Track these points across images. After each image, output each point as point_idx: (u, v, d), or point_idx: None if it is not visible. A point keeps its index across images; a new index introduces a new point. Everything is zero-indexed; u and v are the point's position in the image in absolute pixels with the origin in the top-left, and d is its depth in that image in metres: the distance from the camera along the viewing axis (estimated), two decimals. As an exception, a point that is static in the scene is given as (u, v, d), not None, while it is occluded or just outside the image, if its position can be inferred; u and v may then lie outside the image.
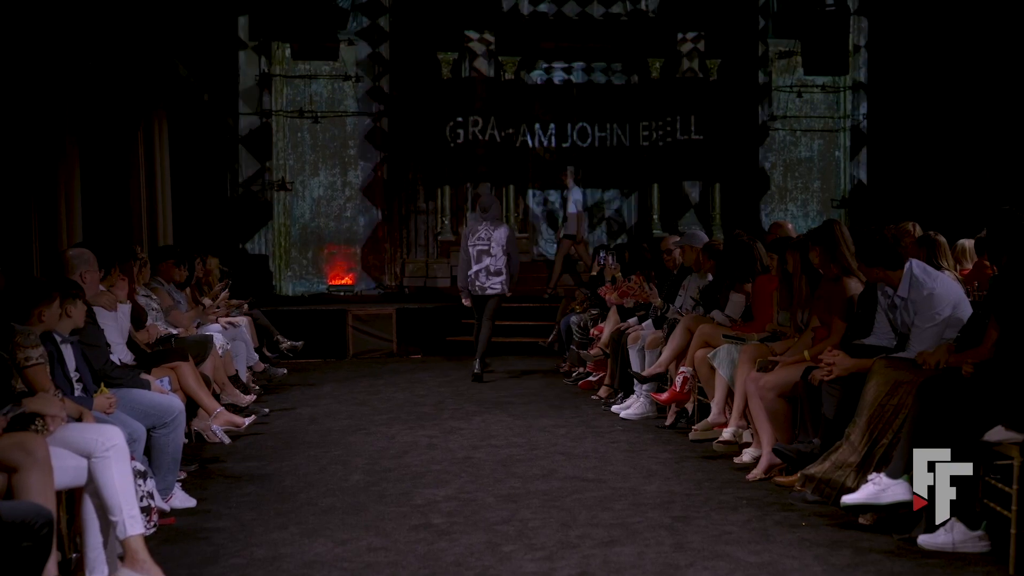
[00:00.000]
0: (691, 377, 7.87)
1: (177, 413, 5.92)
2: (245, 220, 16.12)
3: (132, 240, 10.67)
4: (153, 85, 11.56)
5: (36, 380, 4.87)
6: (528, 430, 8.28)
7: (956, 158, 14.32)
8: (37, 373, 4.90)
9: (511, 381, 11.28)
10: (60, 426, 4.53)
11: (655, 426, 8.32)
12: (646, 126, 16.42)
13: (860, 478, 5.10)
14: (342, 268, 16.61)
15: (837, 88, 17.15)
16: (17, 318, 5.15)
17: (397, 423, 8.64)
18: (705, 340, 7.67)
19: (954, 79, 14.39)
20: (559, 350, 12.27)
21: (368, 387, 10.94)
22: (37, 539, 3.70)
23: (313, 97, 16.40)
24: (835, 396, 5.57)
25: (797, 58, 16.66)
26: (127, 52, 10.38)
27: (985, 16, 13.81)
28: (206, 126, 14.65)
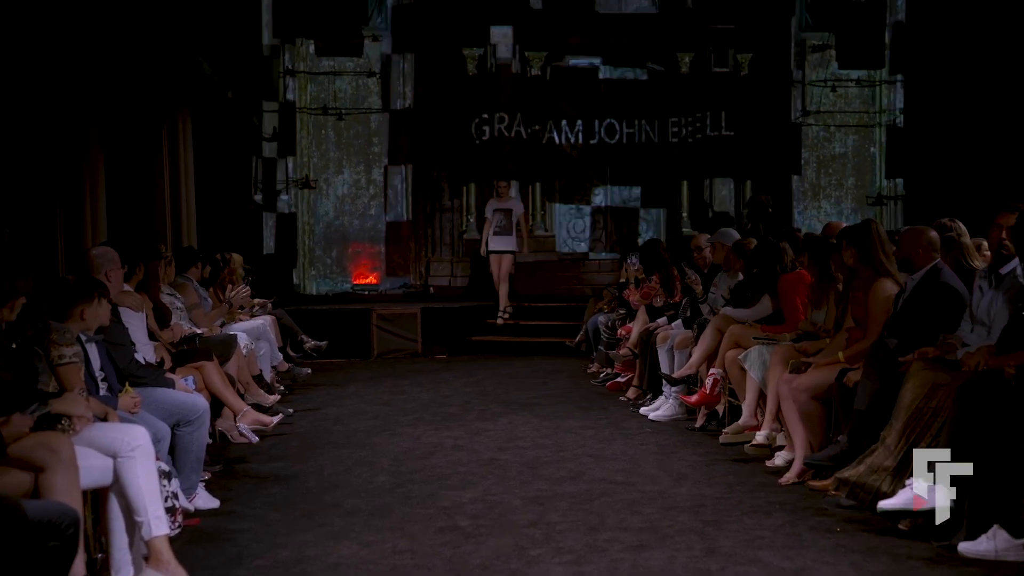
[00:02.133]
0: (722, 379, 7.85)
1: (202, 412, 5.96)
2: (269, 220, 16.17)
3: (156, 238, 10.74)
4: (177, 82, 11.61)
5: (68, 378, 4.91)
6: (555, 432, 8.26)
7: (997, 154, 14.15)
8: (70, 372, 4.94)
9: (538, 382, 11.26)
10: (86, 426, 4.57)
11: (685, 428, 8.29)
12: (675, 122, 16.35)
13: (897, 483, 5.06)
14: (367, 267, 16.65)
15: (873, 82, 16.96)
16: (56, 316, 5.20)
17: (422, 424, 8.64)
18: (736, 341, 7.64)
19: (996, 72, 14.22)
20: (586, 351, 12.25)
21: (393, 387, 10.94)
22: (64, 539, 3.74)
23: (337, 94, 16.44)
24: (870, 389, 5.53)
25: (831, 52, 16.54)
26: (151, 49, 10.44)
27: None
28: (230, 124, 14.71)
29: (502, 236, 14.06)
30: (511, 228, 14.11)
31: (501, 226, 14.09)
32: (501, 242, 14.06)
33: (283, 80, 16.20)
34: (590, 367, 11.78)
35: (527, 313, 14.48)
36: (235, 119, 14.92)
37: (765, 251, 7.97)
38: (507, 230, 14.09)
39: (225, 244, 11.90)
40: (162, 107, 11.31)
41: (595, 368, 11.57)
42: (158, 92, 10.95)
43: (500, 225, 14.09)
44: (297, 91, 16.32)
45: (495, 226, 14.07)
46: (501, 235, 14.06)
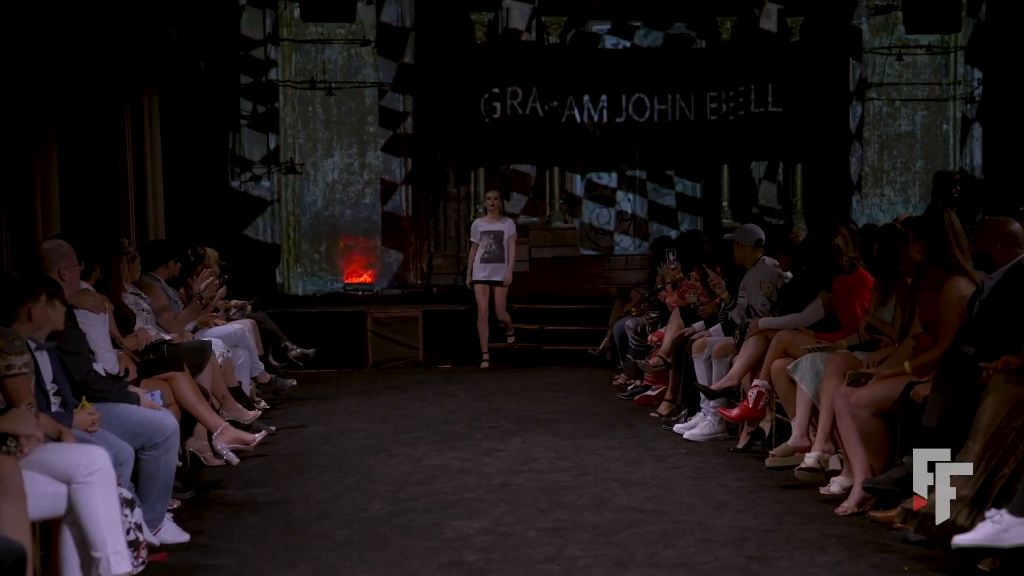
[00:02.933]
0: (767, 392, 7.81)
1: (170, 432, 5.93)
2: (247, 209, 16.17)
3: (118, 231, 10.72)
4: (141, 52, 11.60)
5: (16, 392, 4.84)
6: (576, 453, 8.23)
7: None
8: (19, 385, 4.86)
9: (556, 395, 11.23)
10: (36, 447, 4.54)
11: (725, 449, 8.26)
12: (714, 97, 16.30)
13: (975, 514, 4.99)
14: (360, 264, 16.64)
15: (946, 49, 16.76)
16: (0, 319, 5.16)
17: (424, 443, 8.63)
18: (784, 349, 7.60)
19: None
20: (612, 359, 12.22)
21: (390, 402, 10.93)
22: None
23: (326, 65, 16.43)
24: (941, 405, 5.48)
25: (897, 14, 16.33)
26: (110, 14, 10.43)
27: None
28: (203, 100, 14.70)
29: (492, 263, 13.37)
30: (502, 253, 13.39)
31: (491, 251, 13.38)
32: (490, 270, 13.38)
33: (264, 49, 16.18)
34: (616, 378, 11.78)
35: (543, 317, 14.44)
36: (209, 94, 14.91)
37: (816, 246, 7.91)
38: (497, 256, 13.38)
39: (198, 238, 11.89)
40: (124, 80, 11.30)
41: (622, 380, 11.55)
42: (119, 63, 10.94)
43: (489, 250, 13.37)
44: (280, 61, 16.31)
45: (483, 251, 13.37)
46: (491, 262, 13.37)
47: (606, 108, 16.63)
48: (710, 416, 8.65)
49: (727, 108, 16.20)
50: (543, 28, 16.28)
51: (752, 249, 8.92)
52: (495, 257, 13.34)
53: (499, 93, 15.99)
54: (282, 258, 16.41)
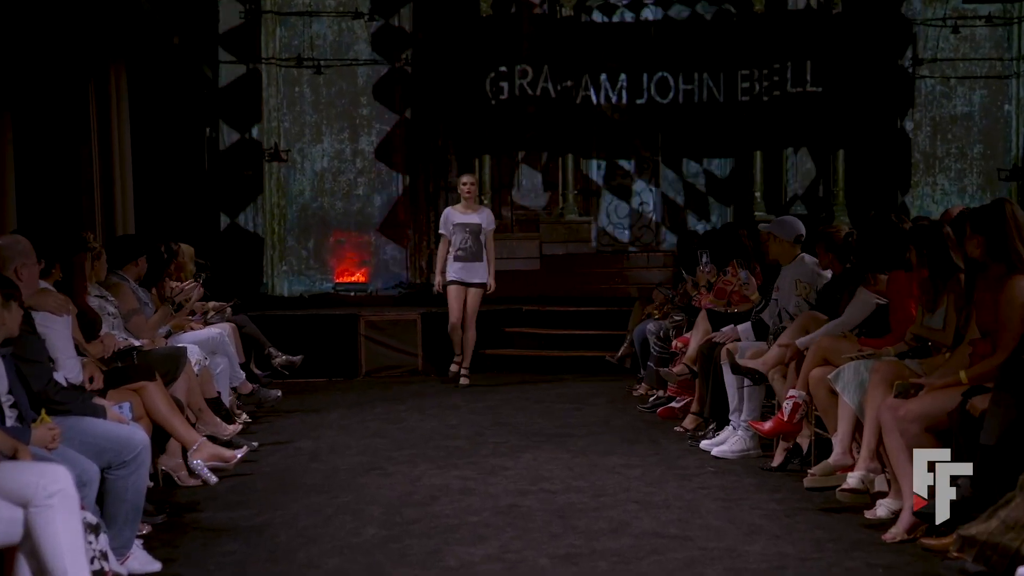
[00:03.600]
0: (805, 403, 7.78)
1: (140, 448, 5.90)
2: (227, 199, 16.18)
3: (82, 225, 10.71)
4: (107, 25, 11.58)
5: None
6: (592, 471, 8.22)
7: None
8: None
9: (569, 407, 11.23)
10: (-12, 465, 4.52)
11: (758, 468, 8.24)
12: (746, 76, 16.28)
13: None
14: (352, 261, 16.66)
15: (1008, 20, 16.65)
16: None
17: (423, 461, 8.62)
18: (824, 355, 7.56)
19: None
20: (632, 367, 12.21)
21: (386, 414, 10.94)
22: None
23: (315, 40, 16.43)
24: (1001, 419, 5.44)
25: (953, -21, 16.34)
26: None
27: None
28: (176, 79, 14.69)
29: (467, 262, 12.52)
30: (479, 250, 12.56)
31: (465, 247, 12.52)
32: (466, 271, 12.53)
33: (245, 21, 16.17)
34: (636, 388, 11.79)
35: (555, 320, 14.43)
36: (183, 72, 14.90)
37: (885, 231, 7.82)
38: (474, 253, 12.54)
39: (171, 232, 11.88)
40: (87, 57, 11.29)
41: (643, 390, 11.55)
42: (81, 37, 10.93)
43: (464, 246, 12.51)
44: (263, 36, 16.31)
45: (457, 247, 12.53)
46: (466, 260, 12.53)
47: (625, 88, 16.64)
48: (741, 431, 8.63)
49: (760, 88, 16.18)
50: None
51: (791, 245, 8.88)
52: (471, 254, 12.52)
53: (506, 72, 16.00)
54: (266, 255, 16.42)
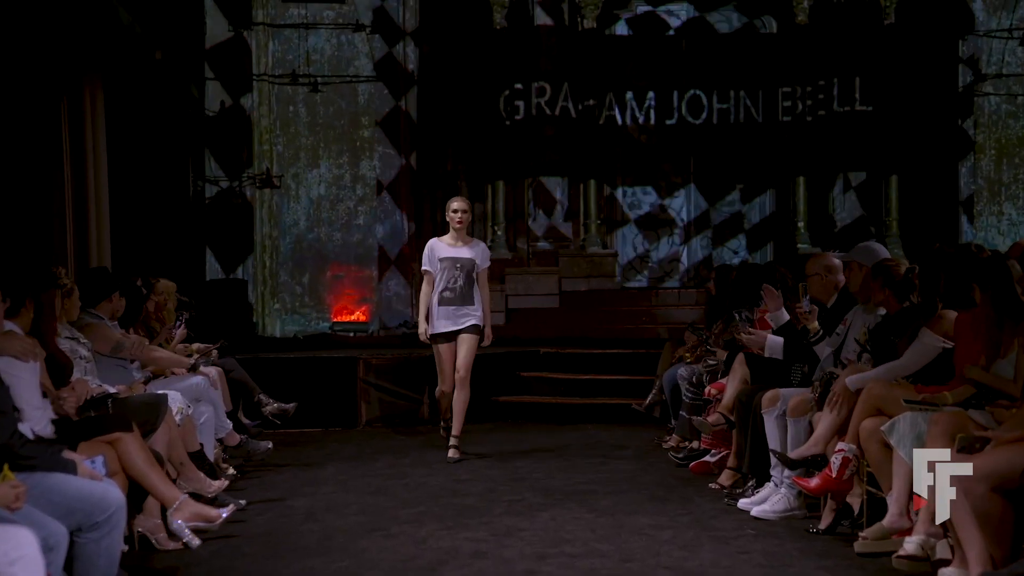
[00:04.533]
0: (856, 458, 7.72)
1: (114, 508, 5.86)
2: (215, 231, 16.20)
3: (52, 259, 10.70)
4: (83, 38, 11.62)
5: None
6: (618, 532, 8.16)
7: None
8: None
9: (593, 461, 11.20)
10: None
11: (803, 530, 8.15)
12: (788, 93, 16.31)
13: None
14: (352, 298, 16.67)
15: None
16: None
17: (430, 521, 8.56)
18: (876, 405, 7.51)
19: None
20: (661, 416, 12.17)
21: (389, 468, 10.93)
22: None
23: (311, 55, 16.48)
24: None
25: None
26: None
27: None
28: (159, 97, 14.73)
29: (456, 306, 11.25)
30: (470, 292, 11.25)
31: (454, 288, 11.22)
32: (454, 317, 11.28)
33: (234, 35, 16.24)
34: (667, 440, 11.72)
35: (576, 364, 14.38)
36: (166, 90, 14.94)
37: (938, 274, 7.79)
38: (464, 295, 11.23)
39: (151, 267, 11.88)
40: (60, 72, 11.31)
41: (674, 442, 11.48)
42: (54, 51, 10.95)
43: (452, 286, 11.22)
44: (255, 50, 16.37)
45: (444, 287, 11.24)
46: (454, 304, 11.25)
47: (653, 108, 16.70)
48: (784, 488, 8.56)
49: (804, 107, 16.19)
50: (576, 10, 16.35)
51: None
52: (460, 297, 11.21)
53: (522, 90, 16.05)
54: (256, 291, 16.42)
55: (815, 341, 8.88)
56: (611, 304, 16.01)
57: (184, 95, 15.65)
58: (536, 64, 16.08)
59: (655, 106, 16.67)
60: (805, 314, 9.03)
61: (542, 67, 16.08)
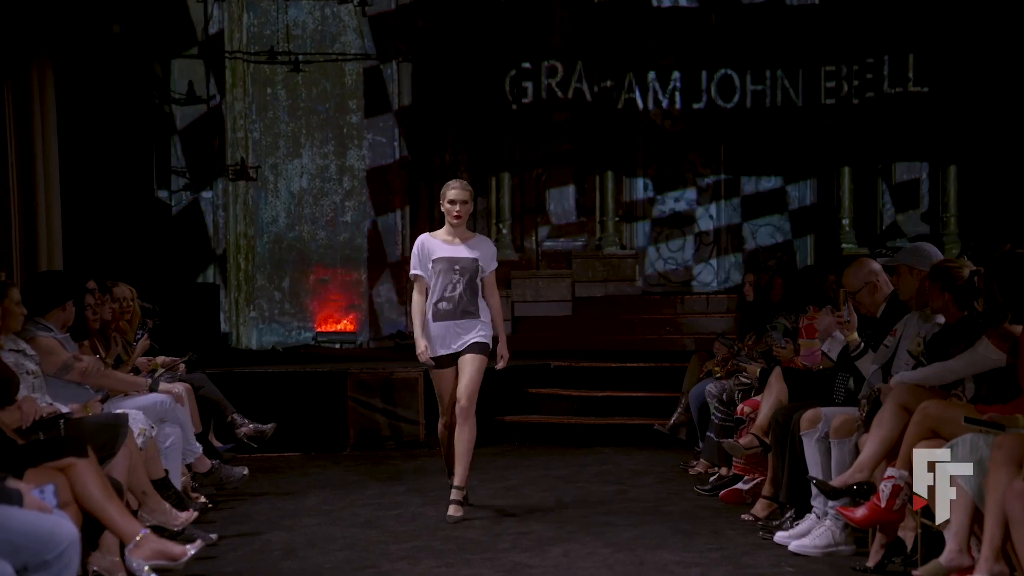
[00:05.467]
0: (907, 486, 7.69)
1: (66, 544, 5.83)
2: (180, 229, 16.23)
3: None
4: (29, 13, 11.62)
5: None
6: (639, 570, 8.15)
7: None
8: None
9: (610, 488, 11.20)
10: None
11: (849, 568, 8.13)
12: (831, 73, 16.31)
13: None
14: (338, 305, 16.68)
15: None
16: None
17: (427, 557, 8.56)
18: (931, 426, 7.49)
19: None
20: (688, 439, 12.17)
21: (380, 497, 10.92)
22: None
23: (291, 30, 16.50)
24: None
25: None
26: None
27: None
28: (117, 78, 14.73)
29: (455, 321, 10.01)
30: (473, 301, 10.02)
31: (452, 297, 9.97)
32: (453, 333, 10.04)
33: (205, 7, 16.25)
34: (693, 465, 11.76)
35: (592, 379, 14.37)
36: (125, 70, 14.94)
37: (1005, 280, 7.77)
38: (465, 306, 10.01)
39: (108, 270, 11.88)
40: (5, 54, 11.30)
41: (701, 467, 11.54)
42: None
43: (449, 295, 9.97)
44: (227, 24, 16.38)
45: (439, 297, 10.01)
46: (452, 317, 10.01)
47: (679, 89, 16.71)
48: (828, 520, 8.54)
49: (850, 88, 16.20)
50: (592, -21, 16.37)
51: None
52: (461, 308, 9.97)
53: (531, 69, 16.08)
54: (229, 297, 16.43)
55: (856, 356, 8.85)
56: (630, 311, 16.02)
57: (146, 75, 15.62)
58: (547, 41, 16.11)
59: (681, 88, 16.69)
60: (846, 324, 9.02)
61: (553, 44, 16.12)
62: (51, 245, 12.17)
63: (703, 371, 12.26)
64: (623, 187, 16.81)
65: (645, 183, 17.09)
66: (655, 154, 16.94)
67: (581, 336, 15.37)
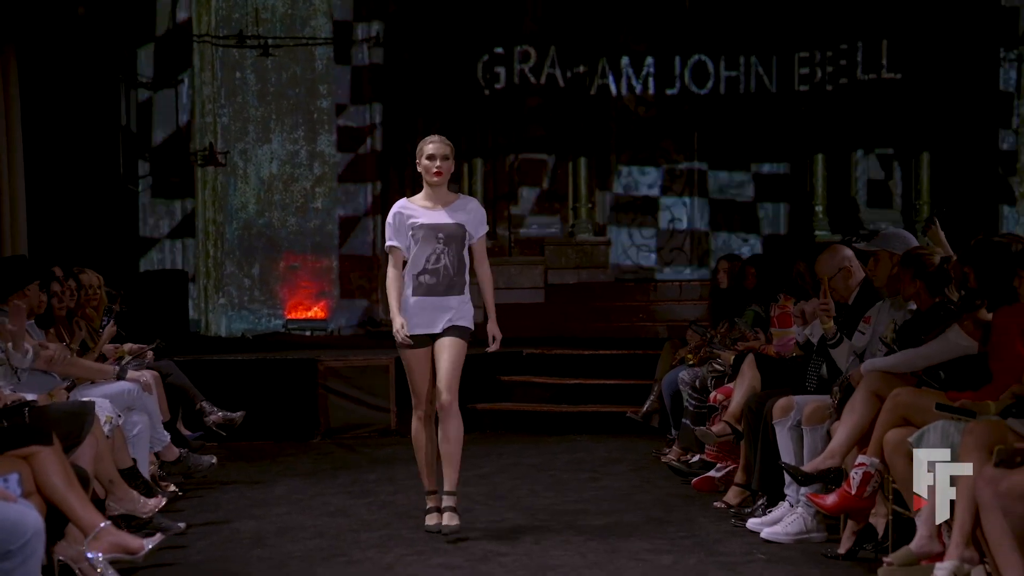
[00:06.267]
0: (878, 473, 7.73)
1: (31, 534, 5.82)
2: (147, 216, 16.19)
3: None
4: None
5: None
6: (611, 558, 8.16)
7: None
8: None
9: (583, 476, 11.22)
10: None
11: (820, 554, 8.15)
12: (805, 59, 16.33)
13: None
14: (309, 292, 16.65)
15: None
16: None
17: (397, 545, 8.56)
18: (903, 414, 7.53)
19: None
20: (660, 426, 12.19)
21: (350, 485, 10.92)
22: None
23: (260, 13, 16.45)
24: None
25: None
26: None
27: None
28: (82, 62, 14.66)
29: (436, 297, 8.74)
30: (459, 274, 8.77)
31: (435, 269, 8.71)
32: (432, 312, 8.77)
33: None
34: (666, 453, 11.74)
35: (564, 367, 14.38)
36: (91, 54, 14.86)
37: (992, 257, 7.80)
38: (450, 280, 8.75)
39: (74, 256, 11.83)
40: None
41: (674, 455, 11.51)
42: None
43: (432, 267, 8.71)
44: (194, 8, 16.32)
45: (421, 269, 8.76)
46: (436, 294, 8.76)
47: (653, 75, 16.70)
48: (800, 508, 8.57)
49: (823, 74, 16.21)
50: (565, -37, 16.36)
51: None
52: (444, 283, 8.73)
53: (504, 54, 16.06)
54: (198, 284, 16.39)
55: (833, 344, 8.87)
56: (604, 299, 16.03)
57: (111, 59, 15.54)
58: (519, 25, 16.08)
59: (654, 74, 16.68)
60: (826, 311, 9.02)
61: (526, 29, 16.09)
62: (15, 228, 12.13)
63: (676, 359, 12.28)
64: (596, 173, 16.80)
65: (618, 170, 17.09)
66: (628, 140, 16.94)
67: (553, 323, 15.37)
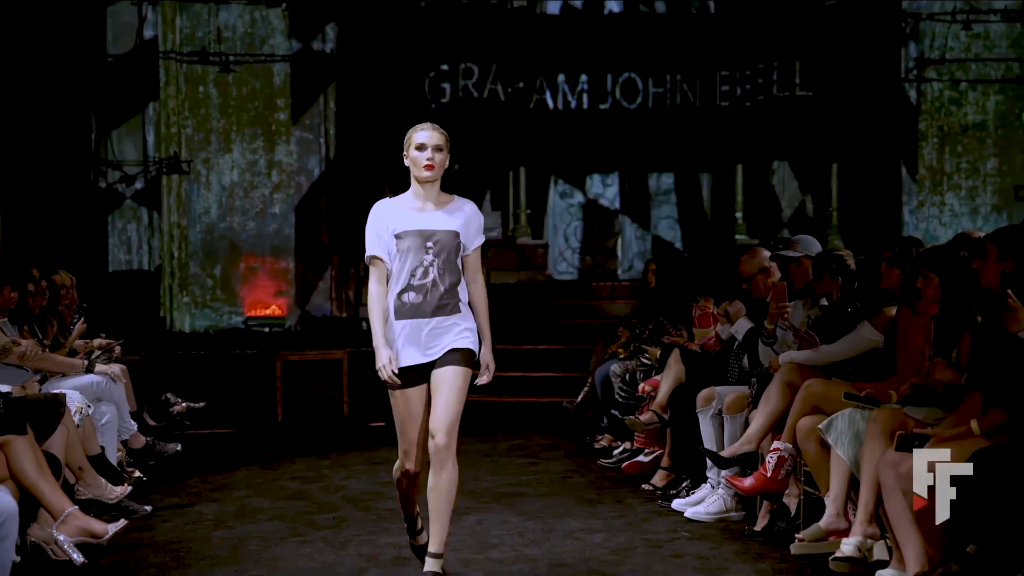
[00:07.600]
0: (791, 457, 7.78)
1: (5, 517, 5.80)
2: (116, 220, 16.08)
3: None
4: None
5: None
6: (547, 536, 8.19)
7: None
8: None
9: (521, 462, 11.24)
10: None
11: (738, 532, 8.22)
12: (726, 77, 16.34)
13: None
14: (267, 291, 16.56)
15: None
16: None
17: (350, 526, 8.57)
18: (814, 402, 7.59)
19: None
20: (593, 415, 12.19)
21: (306, 471, 10.89)
22: None
23: (222, 32, 16.35)
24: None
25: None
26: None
27: None
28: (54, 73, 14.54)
29: (428, 319, 6.87)
30: (454, 289, 6.95)
31: (422, 285, 6.82)
32: (427, 336, 6.91)
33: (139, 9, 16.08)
34: (598, 440, 11.78)
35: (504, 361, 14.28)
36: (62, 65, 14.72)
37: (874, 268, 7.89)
38: (440, 298, 6.88)
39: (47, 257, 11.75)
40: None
41: (605, 441, 11.56)
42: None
43: (418, 282, 6.81)
44: (160, 26, 16.21)
45: (406, 284, 6.84)
46: (424, 315, 6.87)
47: (587, 91, 16.65)
48: (720, 489, 8.61)
49: (743, 91, 16.24)
50: (506, -15, 16.32)
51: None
52: (435, 301, 6.87)
53: (449, 71, 16.00)
54: (164, 284, 16.29)
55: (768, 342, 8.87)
56: (542, 298, 15.99)
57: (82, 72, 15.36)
58: (463, 44, 16.03)
59: (588, 90, 16.65)
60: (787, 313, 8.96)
61: (470, 47, 16.03)
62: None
63: (607, 353, 12.32)
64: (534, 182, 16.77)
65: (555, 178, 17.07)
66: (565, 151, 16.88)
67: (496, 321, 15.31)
